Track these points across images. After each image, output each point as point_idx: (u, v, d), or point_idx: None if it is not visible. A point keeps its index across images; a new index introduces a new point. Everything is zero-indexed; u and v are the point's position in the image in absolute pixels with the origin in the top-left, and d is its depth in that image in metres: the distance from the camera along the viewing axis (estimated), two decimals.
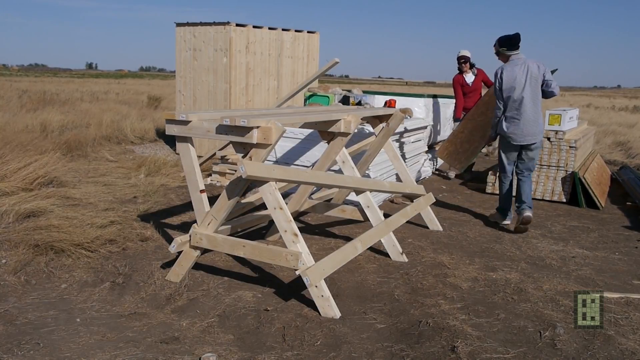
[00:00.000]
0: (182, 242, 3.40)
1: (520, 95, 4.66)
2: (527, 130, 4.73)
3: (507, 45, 4.78)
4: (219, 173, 6.34)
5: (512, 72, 4.66)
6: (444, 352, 2.70)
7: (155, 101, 15.53)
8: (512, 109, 4.73)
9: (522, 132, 4.73)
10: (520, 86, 4.65)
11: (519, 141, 4.78)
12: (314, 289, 3.06)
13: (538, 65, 4.68)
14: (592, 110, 21.95)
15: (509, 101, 4.72)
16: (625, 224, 5.43)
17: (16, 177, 5.38)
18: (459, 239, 4.67)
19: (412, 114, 6.44)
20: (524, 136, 4.76)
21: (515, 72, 4.65)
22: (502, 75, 4.70)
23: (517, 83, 4.64)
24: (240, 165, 2.94)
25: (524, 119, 4.70)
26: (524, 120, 4.70)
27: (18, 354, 2.56)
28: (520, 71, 4.64)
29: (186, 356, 2.61)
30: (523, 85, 4.64)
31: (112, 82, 35.49)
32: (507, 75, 4.68)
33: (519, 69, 4.65)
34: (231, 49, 7.36)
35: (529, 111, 4.68)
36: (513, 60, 4.72)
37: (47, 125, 9.25)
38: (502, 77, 4.70)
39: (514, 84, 4.65)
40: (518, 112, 4.70)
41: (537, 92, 4.69)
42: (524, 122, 4.71)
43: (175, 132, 3.24)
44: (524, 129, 4.72)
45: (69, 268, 3.62)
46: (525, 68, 4.64)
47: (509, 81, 4.67)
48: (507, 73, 4.69)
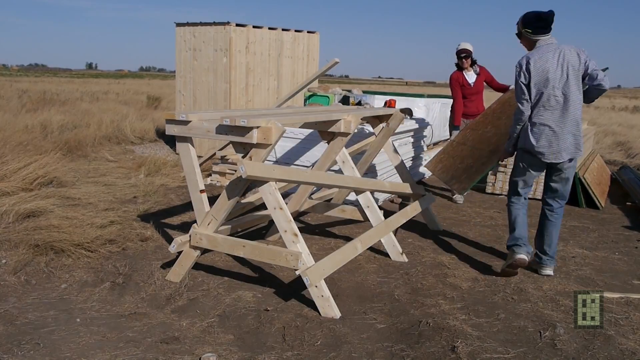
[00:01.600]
0: (182, 242, 3.40)
1: (557, 94, 3.46)
2: (564, 144, 3.50)
3: (534, 25, 3.55)
4: (219, 173, 6.33)
5: (544, 62, 3.46)
6: (444, 352, 2.70)
7: (155, 101, 15.53)
8: (544, 113, 3.50)
9: (557, 145, 3.50)
10: (555, 81, 3.45)
11: (552, 158, 3.54)
12: (314, 289, 3.06)
13: (578, 53, 3.47)
14: (592, 110, 21.96)
15: (539, 102, 3.50)
16: (625, 224, 5.43)
17: (16, 177, 5.38)
18: (459, 239, 4.67)
19: (412, 114, 6.44)
20: (559, 152, 3.51)
21: (548, 62, 3.46)
22: (530, 67, 3.48)
23: (551, 76, 3.45)
24: (240, 165, 2.94)
25: (562, 126, 3.48)
26: (562, 129, 3.48)
27: (18, 354, 2.56)
28: (555, 60, 3.46)
29: (186, 356, 2.61)
30: (559, 80, 3.45)
31: (112, 82, 35.48)
32: (536, 67, 3.47)
33: (552, 58, 3.46)
34: (231, 49, 7.36)
35: (569, 116, 3.48)
36: (542, 46, 3.52)
37: (47, 125, 9.25)
38: (529, 68, 3.48)
39: (547, 78, 3.45)
40: (553, 116, 3.49)
41: (578, 89, 3.49)
42: (561, 131, 3.48)
43: (175, 132, 3.24)
44: (560, 141, 3.49)
45: (69, 268, 3.62)
46: (561, 57, 3.46)
47: (540, 74, 3.46)
48: (536, 63, 3.47)
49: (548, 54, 3.48)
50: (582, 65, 3.47)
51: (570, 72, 3.46)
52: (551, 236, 3.78)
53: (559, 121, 3.49)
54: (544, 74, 3.46)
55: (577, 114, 3.52)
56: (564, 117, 3.48)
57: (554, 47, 3.51)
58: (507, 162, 6.45)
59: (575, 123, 3.52)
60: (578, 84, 3.49)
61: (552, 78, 3.46)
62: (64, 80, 34.02)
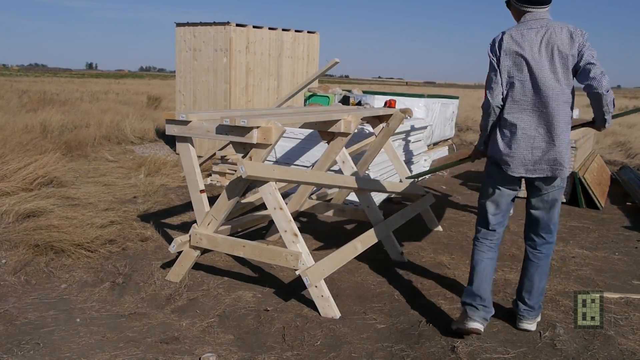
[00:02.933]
0: (182, 242, 3.40)
1: (533, 84, 2.58)
2: (542, 154, 2.62)
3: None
4: (219, 173, 6.34)
5: (522, 39, 2.59)
6: (444, 352, 2.70)
7: (155, 101, 15.53)
8: (515, 108, 2.63)
9: (531, 154, 2.63)
10: (533, 67, 2.57)
11: (522, 172, 2.67)
12: (314, 289, 3.06)
13: (572, 34, 2.54)
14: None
15: (511, 94, 2.63)
16: (625, 224, 5.43)
17: (16, 177, 5.38)
18: (459, 239, 4.66)
19: (412, 114, 6.44)
20: (533, 163, 2.64)
21: (527, 41, 2.58)
22: (502, 44, 2.63)
23: (528, 60, 2.57)
24: (240, 165, 2.94)
25: (538, 129, 2.61)
26: (537, 133, 2.61)
27: (18, 354, 2.56)
28: (537, 40, 2.57)
29: (186, 356, 2.61)
30: (538, 66, 2.56)
31: (112, 82, 35.49)
32: (510, 45, 2.61)
33: (535, 36, 2.58)
34: (231, 49, 7.36)
35: (549, 116, 2.59)
36: (528, 21, 2.63)
37: (47, 125, 9.24)
38: (501, 45, 2.63)
39: (522, 62, 2.58)
40: (526, 115, 2.61)
41: (565, 83, 2.57)
42: (536, 135, 2.61)
43: (175, 132, 3.24)
44: (534, 149, 2.62)
45: (69, 268, 3.62)
46: (546, 35, 2.56)
47: (512, 55, 2.60)
48: (510, 40, 2.61)
49: (531, 30, 2.59)
50: (574, 51, 2.53)
51: (556, 58, 2.55)
52: (532, 281, 2.88)
53: (534, 122, 2.60)
54: (517, 55, 2.59)
55: (560, 115, 2.58)
56: (542, 117, 2.59)
57: (542, 23, 2.60)
58: None
59: (556, 127, 2.58)
60: (566, 75, 2.56)
61: (529, 62, 2.57)
62: (64, 80, 34.02)
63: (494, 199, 2.82)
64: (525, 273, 2.93)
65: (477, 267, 2.87)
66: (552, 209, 2.79)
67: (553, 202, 2.78)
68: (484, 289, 2.83)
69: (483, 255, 2.87)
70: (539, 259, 2.88)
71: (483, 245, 2.89)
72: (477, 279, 2.84)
